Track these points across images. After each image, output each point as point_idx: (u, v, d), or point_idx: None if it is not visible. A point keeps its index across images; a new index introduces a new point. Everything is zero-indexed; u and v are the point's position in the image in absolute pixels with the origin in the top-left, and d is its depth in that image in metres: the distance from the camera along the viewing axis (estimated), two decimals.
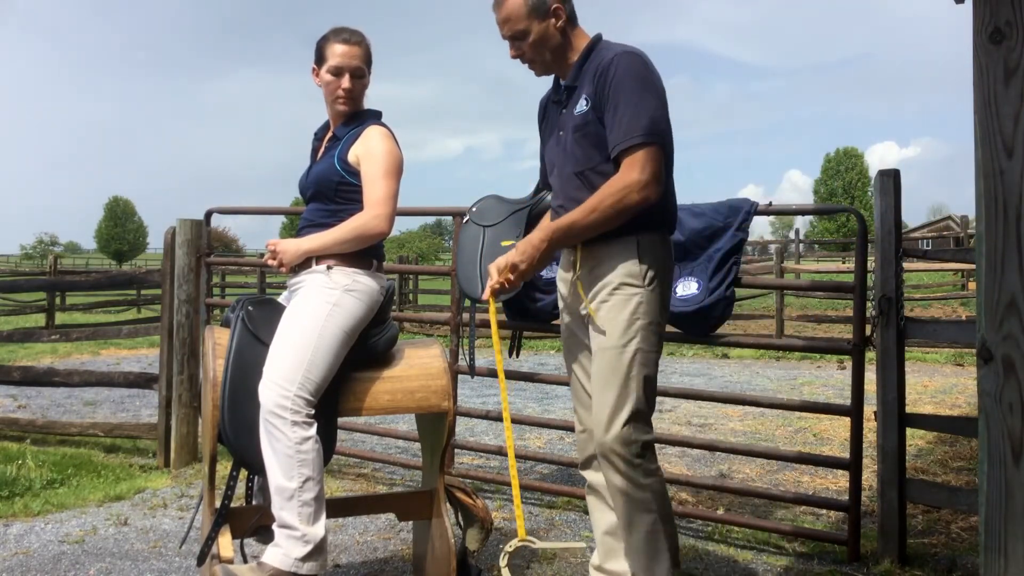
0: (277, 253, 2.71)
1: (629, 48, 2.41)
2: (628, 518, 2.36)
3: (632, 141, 2.28)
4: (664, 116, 2.35)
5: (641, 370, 2.35)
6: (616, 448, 2.33)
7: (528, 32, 2.43)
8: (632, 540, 2.37)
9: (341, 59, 2.73)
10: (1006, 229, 1.25)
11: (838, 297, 15.02)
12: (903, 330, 3.29)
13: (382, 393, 2.69)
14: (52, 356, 10.79)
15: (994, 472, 1.26)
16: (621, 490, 2.35)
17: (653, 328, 2.38)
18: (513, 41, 2.48)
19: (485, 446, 4.47)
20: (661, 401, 7.17)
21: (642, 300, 2.36)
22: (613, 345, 2.36)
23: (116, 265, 67.88)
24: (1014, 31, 1.24)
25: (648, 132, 2.28)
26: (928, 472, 4.69)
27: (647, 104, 2.30)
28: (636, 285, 2.36)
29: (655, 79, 2.37)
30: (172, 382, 4.96)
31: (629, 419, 2.33)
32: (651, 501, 2.34)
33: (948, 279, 18.31)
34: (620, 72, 2.32)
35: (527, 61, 2.52)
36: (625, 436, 2.32)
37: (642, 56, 2.39)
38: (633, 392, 2.34)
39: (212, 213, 4.95)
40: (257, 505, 2.78)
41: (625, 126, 2.29)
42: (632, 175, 2.27)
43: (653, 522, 2.34)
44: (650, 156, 2.28)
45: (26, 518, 3.93)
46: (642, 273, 2.36)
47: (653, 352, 2.39)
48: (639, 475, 2.33)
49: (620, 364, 2.35)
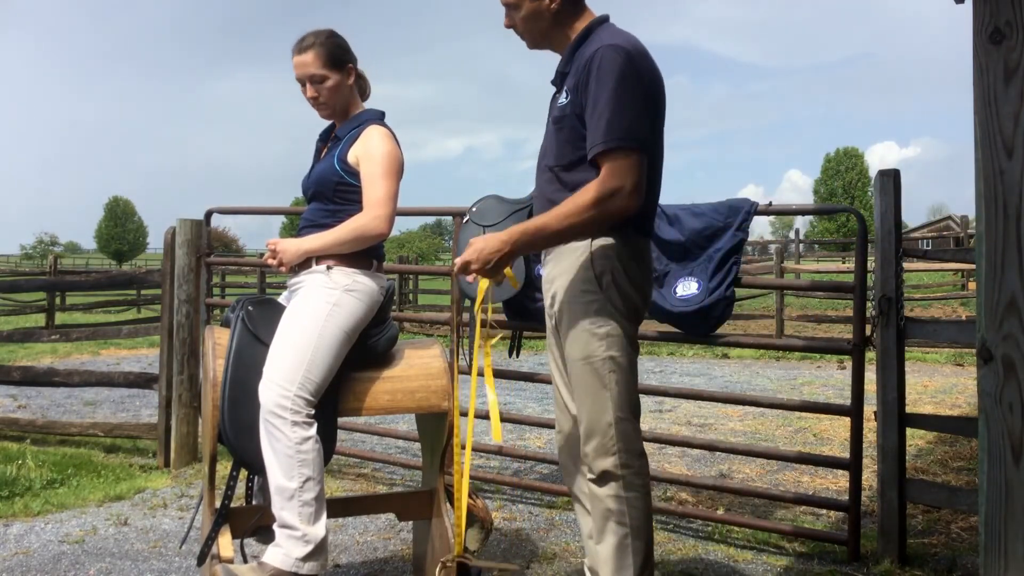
0: (277, 253, 2.71)
1: (618, 41, 2.25)
2: (599, 527, 2.33)
3: (611, 144, 2.17)
4: (646, 118, 2.22)
5: (613, 377, 2.28)
6: (595, 459, 2.31)
7: (520, 6, 2.38)
8: (600, 549, 2.33)
9: (296, 70, 2.74)
10: (1006, 229, 1.25)
11: (838, 297, 15.02)
12: (903, 330, 3.29)
13: (382, 393, 2.69)
14: (52, 356, 10.79)
15: (994, 472, 1.26)
16: (597, 497, 2.32)
17: (620, 332, 2.30)
18: (507, 9, 2.42)
19: (485, 446, 4.47)
20: (661, 401, 7.17)
21: (600, 307, 2.27)
22: (581, 357, 2.30)
23: (116, 265, 67.88)
24: (1014, 31, 1.24)
25: (628, 137, 2.17)
26: (928, 472, 4.69)
27: (627, 105, 2.18)
28: (592, 291, 2.28)
29: (639, 76, 2.22)
30: (172, 382, 4.96)
31: (608, 429, 2.29)
32: (625, 514, 2.29)
33: (948, 279, 18.31)
34: (601, 68, 2.19)
35: (518, 32, 2.46)
36: (606, 448, 2.29)
37: (628, 51, 2.22)
38: (609, 402, 2.29)
39: (212, 213, 4.95)
40: (257, 505, 2.78)
41: (604, 128, 2.17)
42: (613, 183, 2.16)
43: (624, 536, 2.29)
44: (632, 163, 2.17)
45: (26, 518, 3.93)
46: (596, 279, 2.27)
47: (624, 355, 2.30)
48: (619, 487, 2.29)
49: (592, 376, 2.29)
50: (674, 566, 3.27)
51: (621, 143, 2.17)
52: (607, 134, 2.17)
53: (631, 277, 2.31)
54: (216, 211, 4.99)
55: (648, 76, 2.26)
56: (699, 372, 9.44)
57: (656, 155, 2.32)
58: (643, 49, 2.30)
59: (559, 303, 2.35)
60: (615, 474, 2.29)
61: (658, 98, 2.30)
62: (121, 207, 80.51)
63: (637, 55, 2.25)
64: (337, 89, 2.76)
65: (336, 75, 2.74)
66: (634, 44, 2.27)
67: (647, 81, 2.25)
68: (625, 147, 2.17)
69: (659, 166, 2.36)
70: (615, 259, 2.28)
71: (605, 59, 2.20)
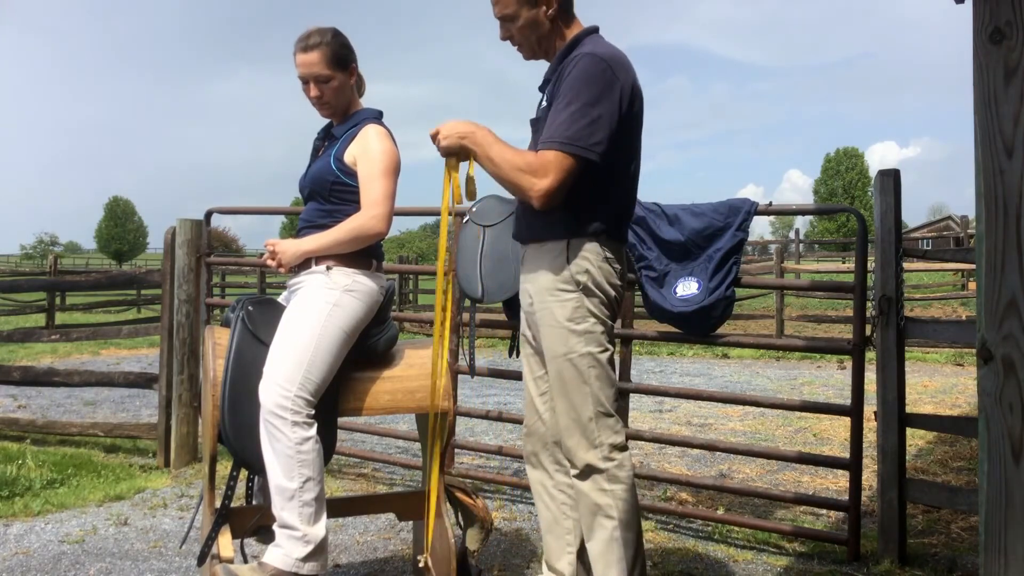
0: (276, 253, 2.71)
1: (599, 50, 2.31)
2: (588, 523, 2.36)
3: (552, 146, 2.23)
4: (605, 128, 2.24)
5: (592, 372, 2.33)
6: (579, 454, 2.33)
7: (517, 17, 2.41)
8: (591, 546, 2.36)
9: (301, 69, 2.73)
10: (1006, 229, 1.25)
11: (838, 297, 15.02)
12: (903, 330, 3.29)
13: (382, 393, 2.69)
14: (52, 356, 10.79)
15: (994, 472, 1.26)
16: (582, 493, 2.35)
17: (598, 329, 2.35)
18: (503, 22, 2.45)
19: (485, 446, 4.47)
20: (660, 401, 7.17)
21: (578, 304, 2.33)
22: (560, 354, 2.35)
23: (116, 265, 67.88)
24: (1014, 31, 1.24)
25: (568, 141, 2.22)
26: (928, 472, 4.69)
27: (583, 112, 2.22)
28: (568, 290, 2.34)
29: (610, 86, 2.25)
30: (172, 382, 4.96)
31: (589, 423, 2.33)
32: (612, 507, 2.32)
33: (948, 279, 18.32)
34: (573, 73, 2.27)
35: (515, 44, 2.49)
36: (589, 441, 2.32)
37: (604, 59, 2.27)
38: (590, 396, 2.33)
39: (212, 213, 4.95)
40: (257, 505, 2.78)
41: (554, 128, 2.24)
42: (540, 173, 2.23)
43: (613, 529, 2.32)
44: (562, 167, 2.22)
45: (26, 518, 3.93)
46: (572, 278, 2.34)
47: (602, 351, 2.36)
48: (603, 480, 2.32)
49: (571, 372, 2.34)
50: (674, 566, 3.27)
51: (561, 146, 2.23)
52: (552, 135, 2.25)
53: (606, 277, 2.38)
54: (216, 211, 4.99)
55: (622, 86, 2.29)
56: (699, 372, 9.44)
57: (619, 162, 2.35)
58: (623, 60, 2.34)
59: (536, 301, 2.41)
60: (598, 468, 2.32)
61: (631, 108, 2.33)
62: (121, 207, 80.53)
63: (614, 64, 2.29)
64: (340, 89, 2.76)
65: (340, 75, 2.74)
66: (613, 55, 2.32)
67: (619, 91, 2.28)
68: (560, 149, 2.23)
69: (629, 172, 2.41)
70: (591, 259, 2.35)
71: (579, 65, 2.28)
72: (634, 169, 2.43)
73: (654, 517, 3.88)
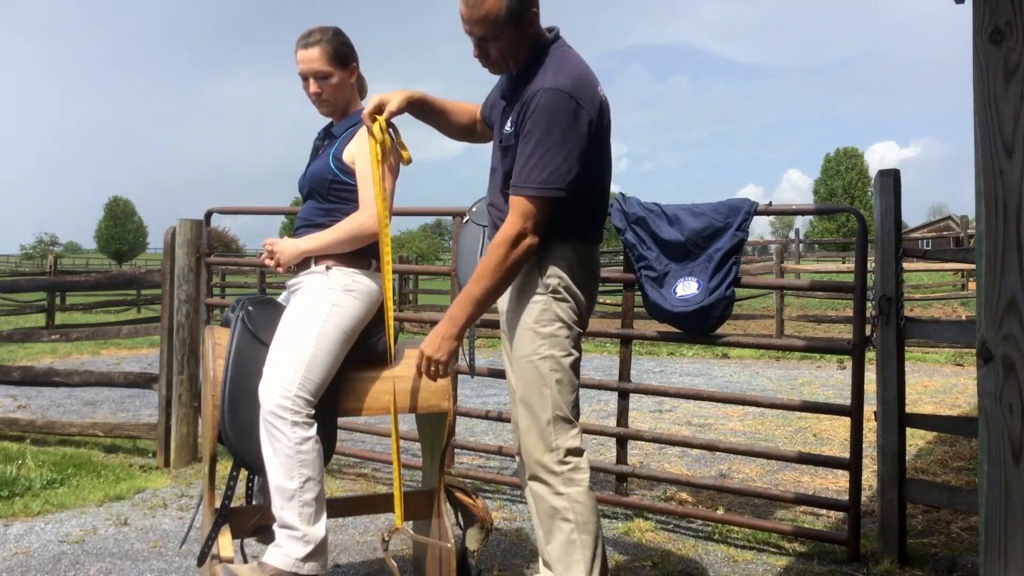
0: (275, 253, 2.71)
1: (559, 82, 2.25)
2: (546, 526, 2.36)
3: (523, 191, 2.25)
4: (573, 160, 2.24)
5: (553, 375, 2.34)
6: (534, 455, 2.34)
7: (500, 37, 2.29)
8: (549, 548, 2.36)
9: (301, 65, 2.73)
10: (1006, 229, 1.25)
11: (838, 297, 15.03)
12: (903, 330, 3.29)
13: (382, 393, 2.69)
14: (52, 356, 10.79)
15: (994, 472, 1.26)
16: (539, 496, 2.36)
17: (563, 333, 2.36)
18: (480, 41, 2.32)
19: (485, 446, 4.47)
20: (660, 401, 7.17)
21: (545, 307, 2.34)
22: (523, 355, 2.37)
23: (116, 265, 67.88)
24: (1014, 31, 1.24)
25: (544, 186, 2.23)
26: (928, 472, 4.69)
27: (552, 154, 2.22)
28: (538, 293, 2.36)
29: (574, 117, 2.24)
30: (172, 382, 4.96)
31: (546, 426, 2.33)
32: (569, 510, 2.32)
33: (948, 279, 18.32)
34: (535, 113, 2.23)
35: (490, 64, 2.40)
36: (545, 444, 2.33)
37: (567, 92, 2.23)
38: (549, 399, 2.33)
39: (212, 213, 4.95)
40: (257, 505, 2.78)
41: (526, 173, 2.24)
42: (515, 227, 2.25)
43: (571, 531, 2.32)
44: (539, 208, 2.24)
45: (26, 518, 3.93)
46: (542, 282, 2.35)
47: (566, 356, 2.36)
48: (559, 483, 2.33)
49: (532, 373, 2.35)
50: (674, 566, 3.27)
51: (535, 191, 2.25)
52: (526, 179, 2.25)
53: (577, 282, 2.38)
54: (216, 211, 4.99)
55: (588, 112, 2.27)
56: (699, 372, 9.44)
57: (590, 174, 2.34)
58: (584, 82, 2.30)
59: (508, 302, 2.43)
60: (554, 471, 2.33)
61: (600, 124, 2.33)
62: (121, 207, 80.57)
63: (577, 94, 2.26)
64: (340, 87, 2.76)
65: (340, 72, 2.75)
66: (576, 81, 2.27)
67: (585, 119, 2.26)
68: (535, 195, 2.25)
69: (601, 177, 2.41)
70: (562, 263, 2.36)
71: (540, 104, 2.24)
72: (606, 174, 2.43)
73: (654, 517, 3.88)
